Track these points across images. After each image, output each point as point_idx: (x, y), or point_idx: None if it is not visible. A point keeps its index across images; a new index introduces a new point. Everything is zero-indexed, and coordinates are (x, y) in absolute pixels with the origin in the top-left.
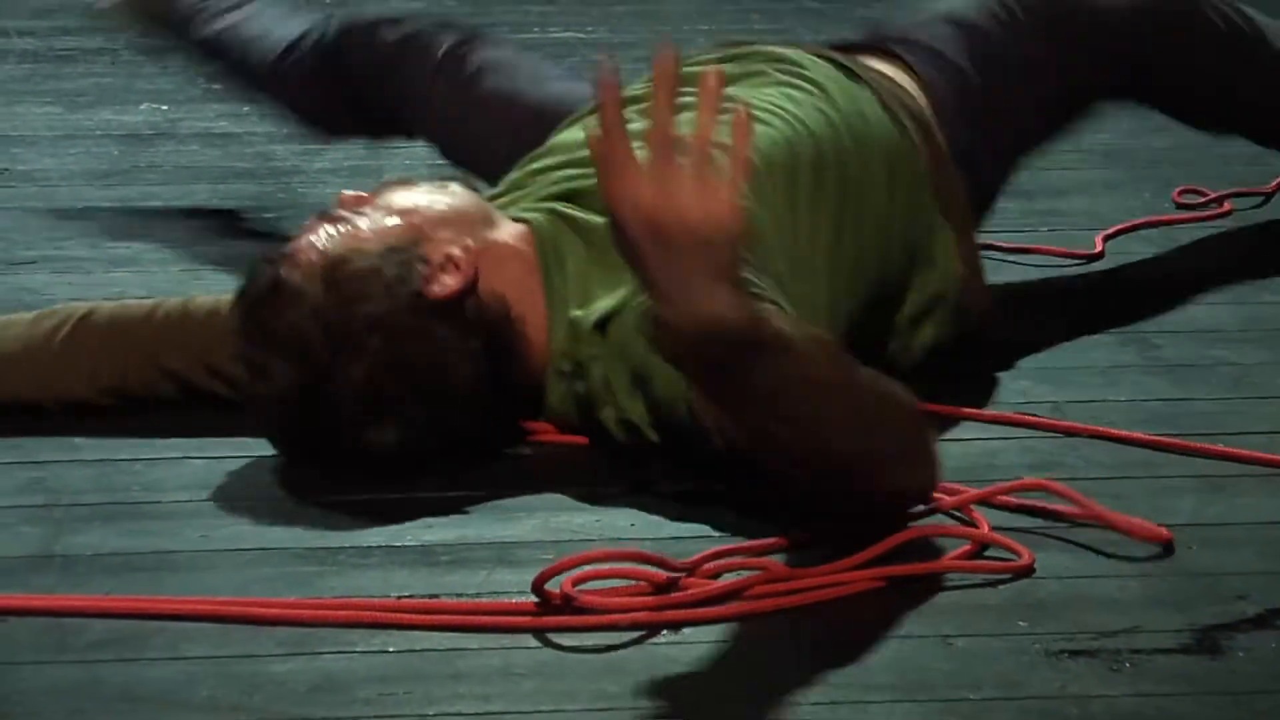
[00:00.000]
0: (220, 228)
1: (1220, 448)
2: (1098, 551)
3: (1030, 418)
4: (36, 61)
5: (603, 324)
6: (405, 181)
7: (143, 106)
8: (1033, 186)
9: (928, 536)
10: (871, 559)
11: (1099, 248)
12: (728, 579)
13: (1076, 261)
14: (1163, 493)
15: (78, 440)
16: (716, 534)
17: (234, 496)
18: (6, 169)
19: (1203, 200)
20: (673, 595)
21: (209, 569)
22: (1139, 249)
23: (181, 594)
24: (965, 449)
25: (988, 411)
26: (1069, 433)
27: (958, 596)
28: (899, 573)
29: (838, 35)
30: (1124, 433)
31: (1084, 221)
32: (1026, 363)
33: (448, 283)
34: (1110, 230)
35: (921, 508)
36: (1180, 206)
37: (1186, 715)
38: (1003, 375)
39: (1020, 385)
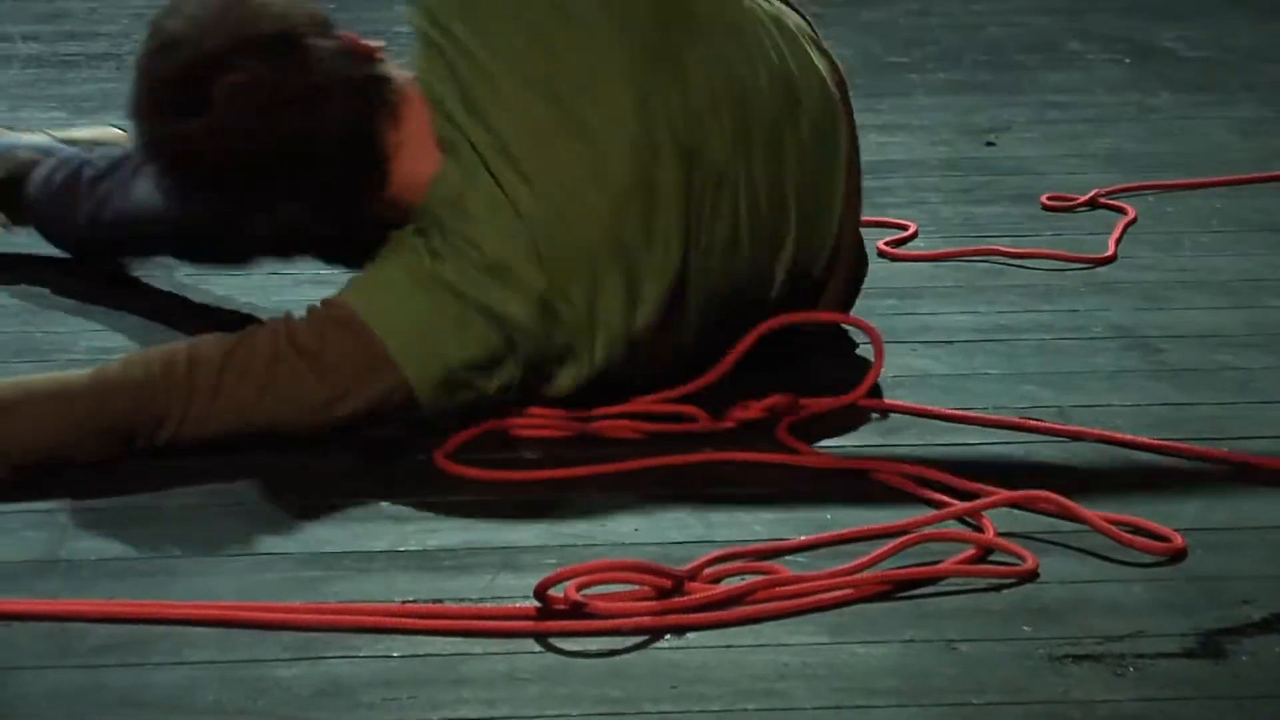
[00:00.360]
0: None
1: (1225, 452)
2: (1102, 556)
3: (1035, 422)
4: (41, 66)
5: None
6: None
7: None
8: (1035, 191)
9: (932, 540)
10: (875, 563)
11: (1111, 250)
12: (731, 583)
13: (1081, 266)
14: (1167, 497)
15: None
16: (719, 538)
17: (238, 501)
18: None
19: (1069, 205)
20: (676, 600)
21: (213, 574)
22: (1143, 253)
23: (185, 599)
24: (970, 453)
25: (992, 416)
26: (1074, 437)
27: (962, 601)
28: (903, 577)
29: (838, 37)
30: (1129, 437)
31: (1087, 225)
32: (1031, 367)
33: (353, 38)
34: (1117, 233)
35: (928, 511)
36: (1047, 209)
37: None
38: (1008, 380)
39: (1025, 390)
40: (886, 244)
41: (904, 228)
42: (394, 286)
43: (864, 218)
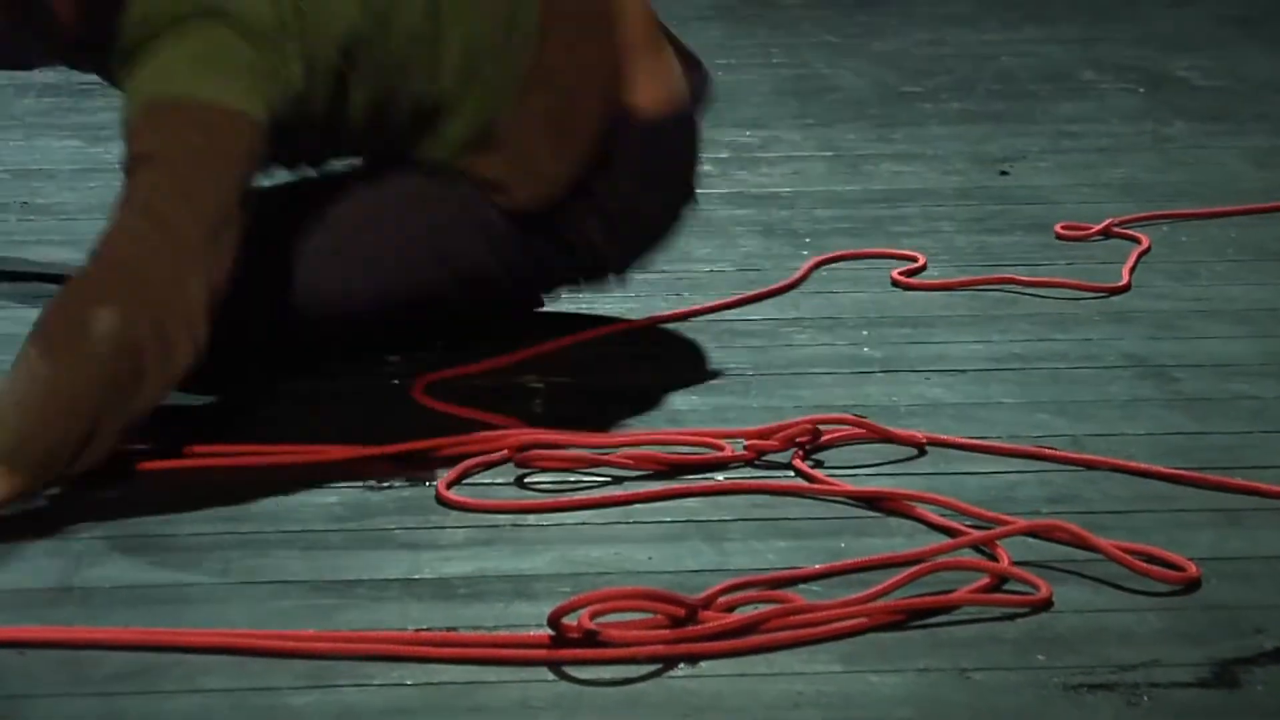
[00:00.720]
0: None
1: (1239, 481)
2: (1116, 585)
3: (1049, 451)
4: (57, 95)
5: None
6: None
7: None
8: (1049, 220)
9: (946, 569)
10: (889, 592)
11: (1125, 279)
12: (745, 612)
13: (1095, 295)
14: (1181, 526)
15: (96, 472)
16: (733, 567)
17: (252, 529)
18: (27, 202)
19: (1084, 234)
20: (689, 628)
21: (227, 601)
22: (1158, 282)
23: (199, 626)
24: (984, 482)
25: (1006, 444)
26: (1088, 466)
27: (976, 630)
28: (917, 605)
29: (852, 68)
30: (1143, 466)
31: (1101, 254)
32: (1045, 395)
33: None
34: (1131, 262)
35: (942, 540)
36: (1061, 238)
37: None
38: (1021, 408)
39: (1039, 418)
40: (900, 274)
41: (914, 259)
42: (156, 62)
43: (875, 248)
